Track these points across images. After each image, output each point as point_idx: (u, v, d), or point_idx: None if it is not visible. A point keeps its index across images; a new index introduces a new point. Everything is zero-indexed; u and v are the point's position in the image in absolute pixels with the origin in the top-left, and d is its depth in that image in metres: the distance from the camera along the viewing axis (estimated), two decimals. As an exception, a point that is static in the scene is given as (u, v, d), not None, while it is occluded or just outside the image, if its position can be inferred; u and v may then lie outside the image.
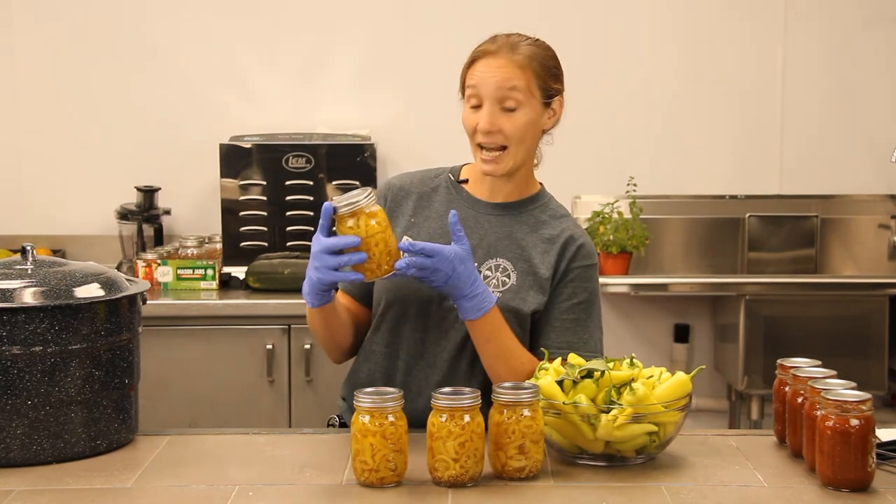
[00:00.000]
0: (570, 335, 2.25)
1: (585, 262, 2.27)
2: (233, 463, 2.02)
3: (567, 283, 2.26)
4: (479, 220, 2.29)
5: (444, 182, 2.35)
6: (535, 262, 2.25)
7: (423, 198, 2.32)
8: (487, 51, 2.21)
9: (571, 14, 4.15)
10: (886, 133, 4.16)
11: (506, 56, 2.19)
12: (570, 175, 4.15)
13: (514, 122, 2.19)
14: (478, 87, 2.20)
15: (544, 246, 2.27)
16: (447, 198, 2.32)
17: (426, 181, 2.35)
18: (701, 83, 4.19)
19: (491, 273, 2.24)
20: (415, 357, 2.26)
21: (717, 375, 4.10)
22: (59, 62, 4.13)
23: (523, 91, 2.19)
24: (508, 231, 2.28)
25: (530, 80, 2.20)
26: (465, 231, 2.24)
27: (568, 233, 2.28)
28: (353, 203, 2.02)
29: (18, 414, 1.98)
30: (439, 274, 2.07)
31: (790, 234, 4.15)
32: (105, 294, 2.05)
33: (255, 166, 3.83)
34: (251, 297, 3.62)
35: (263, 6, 4.13)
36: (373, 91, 4.16)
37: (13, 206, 4.16)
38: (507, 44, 2.21)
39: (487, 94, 2.19)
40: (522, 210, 2.31)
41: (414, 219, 2.30)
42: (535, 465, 1.91)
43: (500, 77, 2.18)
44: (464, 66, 2.26)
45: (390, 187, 2.35)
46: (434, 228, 2.28)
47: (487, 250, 2.26)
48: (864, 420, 1.82)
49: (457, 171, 2.37)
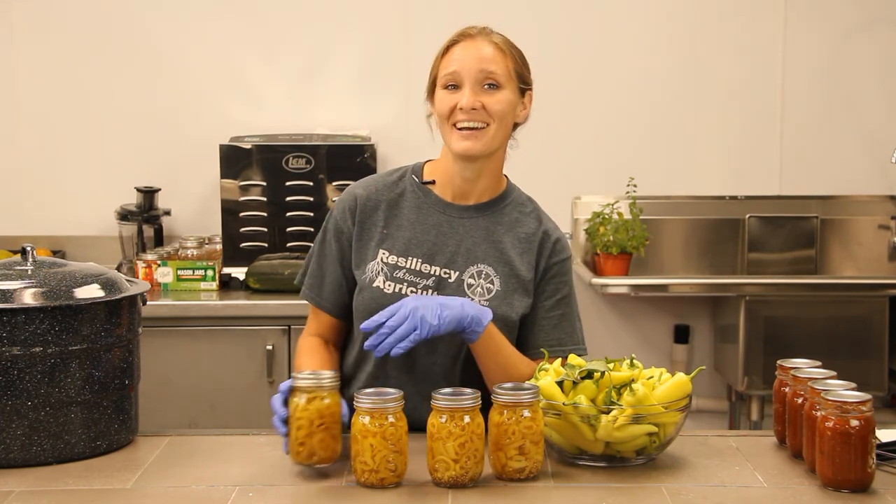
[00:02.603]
0: (558, 332, 2.25)
1: (563, 256, 2.28)
2: (233, 463, 2.02)
3: (549, 280, 2.26)
4: (454, 225, 2.25)
5: (410, 185, 2.29)
6: (516, 265, 2.23)
7: (391, 206, 2.26)
8: (466, 34, 2.21)
9: (571, 15, 4.15)
10: (886, 133, 4.16)
11: (484, 39, 2.20)
12: (570, 175, 4.16)
13: (497, 100, 2.17)
14: (457, 69, 2.17)
15: (522, 245, 2.25)
16: (416, 203, 2.27)
17: (391, 186, 2.29)
18: (701, 83, 4.18)
19: (474, 280, 2.22)
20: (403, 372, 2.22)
21: (717, 376, 4.10)
22: (59, 63, 4.13)
23: (503, 73, 2.18)
24: (485, 234, 2.25)
25: (509, 63, 2.19)
26: (439, 238, 2.22)
27: (543, 228, 2.27)
28: (307, 381, 1.93)
29: (18, 415, 1.98)
30: (412, 321, 2.02)
31: (790, 234, 4.15)
32: (105, 295, 2.05)
33: (255, 167, 3.82)
34: (251, 297, 3.62)
35: (263, 6, 4.13)
36: (373, 91, 4.16)
37: (13, 207, 4.16)
38: (482, 31, 2.22)
39: (468, 75, 2.16)
40: (495, 209, 2.27)
41: (386, 230, 2.25)
42: (535, 466, 1.91)
43: (481, 56, 2.17)
44: (436, 57, 2.23)
45: (356, 198, 2.27)
46: (408, 237, 2.23)
47: (467, 256, 2.23)
48: (864, 421, 1.82)
49: (419, 170, 2.31)
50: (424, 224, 2.25)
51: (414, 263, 2.21)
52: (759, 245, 4.14)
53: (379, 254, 2.23)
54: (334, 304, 2.29)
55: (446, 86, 2.19)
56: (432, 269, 2.21)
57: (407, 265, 2.21)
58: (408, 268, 2.21)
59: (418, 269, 2.21)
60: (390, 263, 2.22)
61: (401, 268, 2.21)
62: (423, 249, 2.22)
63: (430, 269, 2.21)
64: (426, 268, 2.21)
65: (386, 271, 2.21)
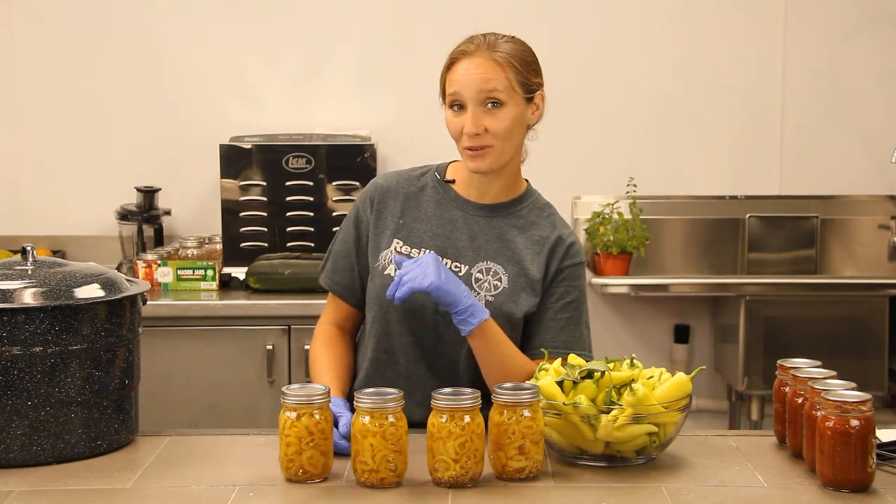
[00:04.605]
0: (565, 335, 2.26)
1: (575, 260, 2.28)
2: (233, 463, 2.02)
3: (559, 282, 2.26)
4: (469, 222, 2.28)
5: (432, 181, 2.33)
6: (526, 264, 2.25)
7: (410, 198, 2.31)
8: (465, 51, 2.20)
9: (571, 15, 4.15)
10: (886, 133, 4.16)
11: (484, 55, 2.18)
12: (570, 175, 4.16)
13: (498, 120, 2.18)
14: (459, 90, 2.18)
15: (535, 247, 2.27)
16: (435, 198, 2.31)
17: (413, 181, 2.34)
18: (701, 83, 4.18)
19: (482, 276, 2.24)
20: (413, 362, 2.26)
21: (717, 376, 4.10)
22: (58, 62, 4.12)
23: (504, 88, 2.18)
24: (498, 233, 2.27)
25: (510, 76, 2.19)
26: (453, 232, 2.26)
27: (557, 233, 2.28)
28: (297, 397, 1.92)
29: (19, 414, 1.98)
30: (421, 268, 2.09)
31: (790, 234, 4.15)
32: (105, 295, 2.05)
33: (255, 167, 3.82)
34: (251, 297, 3.62)
35: (263, 6, 4.13)
36: (373, 91, 4.16)
37: (13, 207, 4.15)
38: (483, 43, 2.20)
39: (470, 96, 2.17)
40: (511, 211, 2.30)
41: (402, 220, 2.29)
42: (535, 466, 1.91)
43: (480, 77, 2.17)
44: (443, 69, 2.24)
45: (377, 188, 2.33)
46: (424, 230, 2.27)
47: (478, 252, 2.26)
48: (864, 420, 1.82)
49: (443, 169, 2.35)
50: (441, 218, 2.28)
51: None
52: (759, 245, 4.14)
53: (393, 243, 2.27)
54: (346, 290, 2.33)
55: (451, 105, 2.21)
56: (443, 261, 2.23)
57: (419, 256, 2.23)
58: None
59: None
60: (403, 253, 2.26)
61: (413, 258, 2.22)
62: (436, 242, 2.25)
63: (442, 262, 2.23)
64: None
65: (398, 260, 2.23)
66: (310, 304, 3.47)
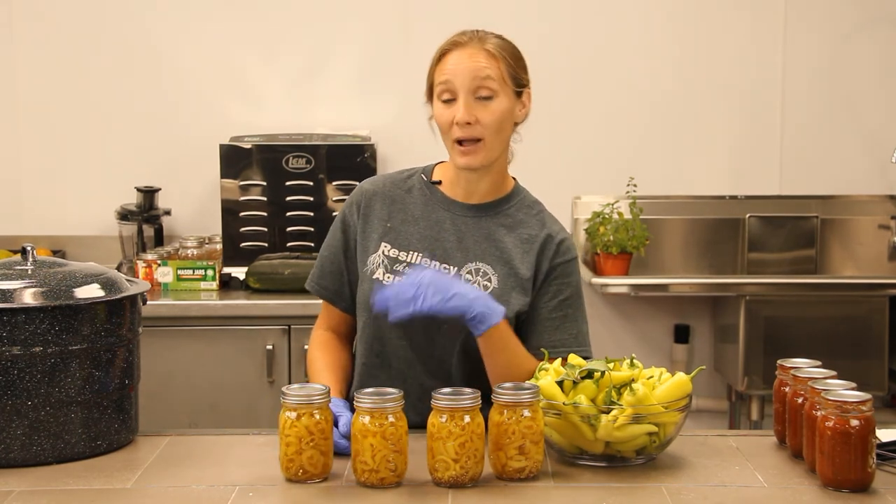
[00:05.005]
0: (561, 333, 2.25)
1: (566, 257, 2.27)
2: (233, 463, 2.02)
3: (551, 281, 2.25)
4: (456, 223, 2.27)
5: (418, 183, 2.32)
6: (516, 264, 2.24)
7: (397, 201, 2.30)
8: (458, 42, 2.21)
9: (571, 15, 4.15)
10: (886, 133, 4.16)
11: (476, 46, 2.19)
12: (570, 175, 4.16)
13: (490, 111, 2.18)
14: (451, 79, 2.18)
15: (524, 246, 2.26)
16: (422, 200, 2.30)
17: (399, 183, 2.33)
18: (701, 83, 4.18)
19: (472, 277, 2.23)
20: (406, 365, 2.25)
21: (717, 376, 4.10)
22: (58, 62, 4.12)
23: (497, 79, 2.18)
24: (487, 233, 2.26)
25: (502, 68, 2.19)
26: (441, 234, 2.25)
27: (546, 231, 2.27)
28: (296, 397, 1.92)
29: (19, 414, 1.98)
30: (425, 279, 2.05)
31: (790, 234, 4.15)
32: (105, 295, 2.05)
33: (255, 167, 3.82)
34: (251, 297, 3.62)
35: (263, 6, 4.13)
36: (373, 91, 4.16)
37: (13, 207, 4.15)
38: (475, 36, 2.21)
39: (462, 85, 2.17)
40: (499, 210, 2.29)
41: (390, 223, 2.28)
42: (535, 466, 1.91)
43: (473, 65, 2.17)
44: (431, 64, 2.24)
45: (363, 193, 2.32)
46: (412, 232, 2.27)
47: (466, 254, 2.25)
48: (864, 420, 1.82)
49: (429, 170, 2.34)
50: (428, 220, 2.27)
51: (414, 258, 2.24)
52: (759, 245, 4.14)
53: (381, 246, 2.26)
54: (335, 294, 2.33)
55: (442, 97, 2.20)
56: (432, 263, 2.23)
57: (407, 259, 2.24)
58: (408, 262, 2.24)
59: (418, 264, 2.23)
60: (391, 256, 2.25)
61: (401, 262, 2.23)
62: (424, 244, 2.25)
63: (430, 264, 2.23)
64: (426, 262, 2.23)
65: (386, 264, 2.23)
66: (310, 304, 3.47)
